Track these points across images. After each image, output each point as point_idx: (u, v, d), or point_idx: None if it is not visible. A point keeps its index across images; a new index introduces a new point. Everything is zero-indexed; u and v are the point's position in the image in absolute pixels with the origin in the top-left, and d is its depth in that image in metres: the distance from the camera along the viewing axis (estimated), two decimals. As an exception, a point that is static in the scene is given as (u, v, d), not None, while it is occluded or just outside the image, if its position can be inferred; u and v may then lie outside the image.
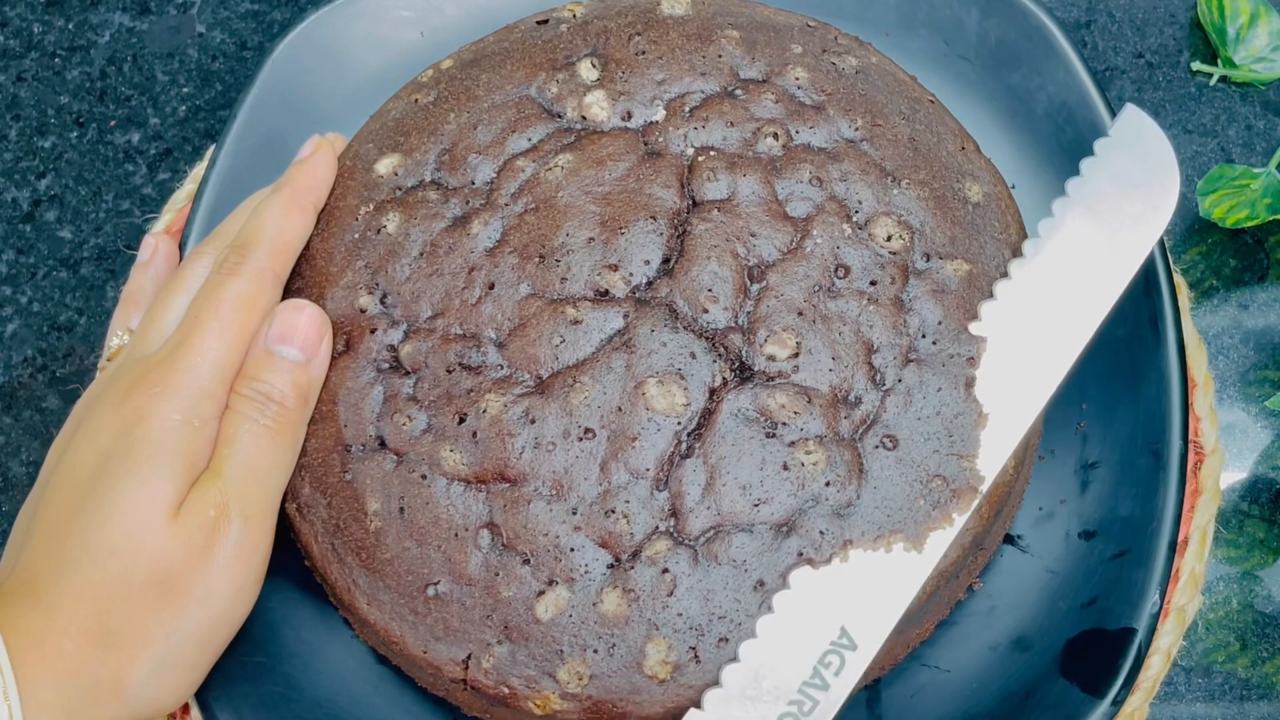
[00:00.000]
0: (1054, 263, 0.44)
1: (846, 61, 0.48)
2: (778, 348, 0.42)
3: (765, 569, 0.40)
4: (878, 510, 0.41)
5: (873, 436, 0.41)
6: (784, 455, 0.41)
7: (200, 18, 0.65)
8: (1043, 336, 0.43)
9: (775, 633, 0.39)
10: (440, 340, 0.43)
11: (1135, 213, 0.44)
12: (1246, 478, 0.54)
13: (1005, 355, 0.42)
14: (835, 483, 0.40)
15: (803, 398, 0.41)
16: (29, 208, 0.61)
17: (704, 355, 0.42)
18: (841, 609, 0.39)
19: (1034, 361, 0.42)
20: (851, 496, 0.40)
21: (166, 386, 0.40)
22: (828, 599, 0.39)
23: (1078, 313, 0.43)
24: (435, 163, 0.46)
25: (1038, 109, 0.51)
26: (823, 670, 0.39)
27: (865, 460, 0.41)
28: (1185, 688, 0.50)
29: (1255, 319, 0.56)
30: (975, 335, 0.43)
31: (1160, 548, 0.44)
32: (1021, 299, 0.43)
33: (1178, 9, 0.63)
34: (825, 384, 0.41)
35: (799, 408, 0.41)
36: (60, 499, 0.39)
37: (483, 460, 0.41)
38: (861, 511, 0.40)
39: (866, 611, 0.39)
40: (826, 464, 0.40)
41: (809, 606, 0.39)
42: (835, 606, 0.39)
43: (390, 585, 0.41)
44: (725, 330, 0.42)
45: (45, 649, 0.37)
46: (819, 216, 0.44)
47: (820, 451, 0.41)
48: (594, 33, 0.48)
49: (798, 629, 0.39)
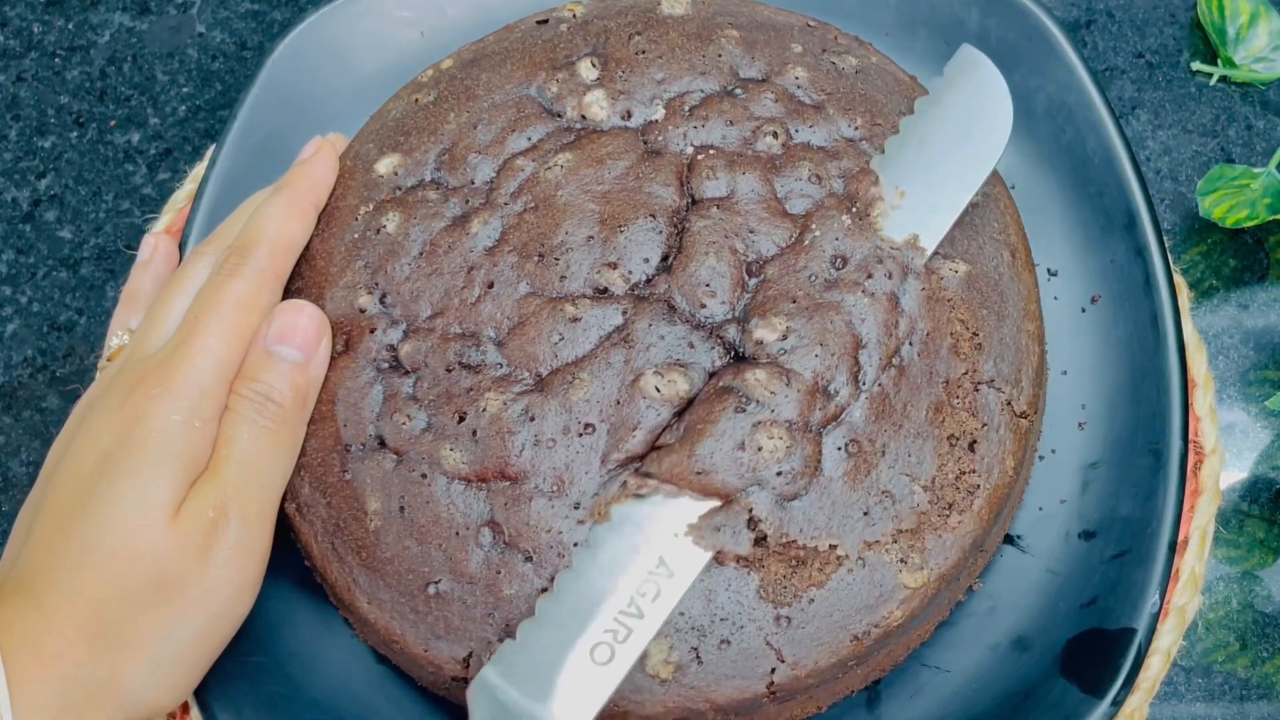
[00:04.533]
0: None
1: (846, 61, 0.48)
2: (767, 332, 0.42)
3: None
4: (820, 511, 0.40)
5: (839, 436, 0.41)
6: (744, 434, 0.40)
7: (200, 18, 0.66)
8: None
9: (592, 564, 0.39)
10: (440, 339, 0.43)
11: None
12: (1246, 478, 0.54)
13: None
14: (787, 474, 0.40)
15: (782, 378, 0.41)
16: (29, 208, 0.61)
17: (702, 344, 0.42)
18: (661, 541, 0.39)
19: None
20: (799, 490, 0.40)
21: (167, 387, 0.40)
22: (647, 531, 0.39)
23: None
24: (435, 162, 0.46)
25: (1038, 109, 0.51)
26: (639, 599, 0.38)
27: (824, 459, 0.41)
28: (1185, 688, 0.50)
29: (1255, 319, 0.56)
30: (960, 356, 0.42)
31: (1160, 548, 0.44)
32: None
33: (1178, 9, 0.63)
34: (809, 370, 0.41)
35: (776, 388, 0.41)
36: (60, 499, 0.39)
37: (483, 459, 0.41)
38: (803, 507, 0.40)
39: (683, 544, 0.39)
40: (785, 454, 0.40)
41: (627, 537, 0.39)
42: (654, 538, 0.39)
43: (390, 584, 0.41)
44: (723, 323, 0.42)
45: (41, 649, 0.37)
46: (818, 211, 0.44)
47: (783, 439, 0.40)
48: (594, 32, 0.48)
49: (616, 559, 0.39)
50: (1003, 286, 0.45)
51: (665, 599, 0.38)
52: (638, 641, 0.38)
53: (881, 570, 0.41)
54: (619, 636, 0.38)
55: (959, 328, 0.43)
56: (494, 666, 0.38)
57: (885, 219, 0.43)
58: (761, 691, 0.40)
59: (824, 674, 0.40)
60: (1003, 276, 0.45)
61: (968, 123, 0.45)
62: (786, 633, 0.40)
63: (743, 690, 0.40)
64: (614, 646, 0.38)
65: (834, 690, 0.43)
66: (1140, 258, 0.48)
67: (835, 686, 0.43)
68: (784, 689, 0.40)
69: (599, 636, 0.38)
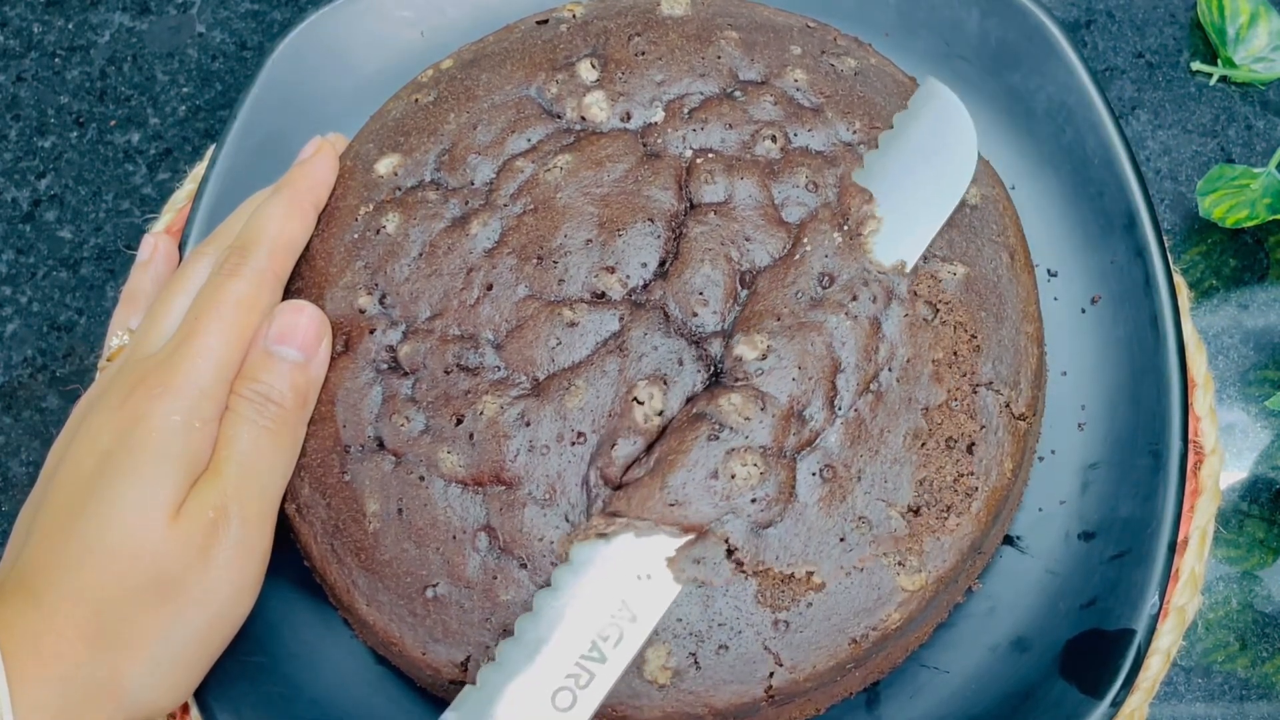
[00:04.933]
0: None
1: (845, 63, 0.48)
2: (747, 349, 0.42)
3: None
4: (796, 538, 0.40)
5: (813, 461, 0.41)
6: (717, 462, 0.40)
7: (200, 18, 0.65)
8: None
9: (554, 607, 0.39)
10: (438, 341, 0.43)
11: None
12: (1246, 478, 0.54)
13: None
14: (761, 500, 0.40)
15: (757, 403, 0.41)
16: (29, 208, 0.61)
17: (691, 363, 0.42)
18: (623, 583, 0.39)
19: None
20: (774, 517, 0.40)
21: (167, 387, 0.40)
22: (610, 573, 0.39)
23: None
24: (435, 163, 0.46)
25: (1038, 109, 0.51)
26: (601, 644, 0.38)
27: (799, 485, 0.41)
28: (1185, 688, 0.50)
29: (1255, 319, 0.56)
30: (941, 387, 0.42)
31: (1160, 548, 0.44)
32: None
33: (1178, 9, 0.63)
34: (785, 394, 0.41)
35: (751, 413, 0.41)
36: (60, 499, 0.39)
37: (479, 462, 0.41)
38: (779, 534, 0.40)
39: (646, 586, 0.39)
40: (759, 480, 0.40)
41: (590, 579, 0.39)
42: (617, 580, 0.39)
43: (389, 586, 0.41)
44: (710, 335, 0.42)
45: (41, 649, 0.37)
46: (811, 223, 0.44)
47: (757, 466, 0.40)
48: (594, 33, 0.48)
49: (578, 602, 0.39)
50: (1001, 288, 0.45)
51: (628, 643, 0.38)
52: (599, 686, 0.38)
53: (879, 573, 0.41)
54: (580, 682, 0.38)
55: (950, 340, 0.43)
56: (454, 713, 0.38)
57: (876, 237, 0.43)
58: (760, 696, 0.40)
59: (822, 677, 0.40)
60: (1001, 278, 0.45)
61: (934, 151, 0.45)
62: (784, 637, 0.40)
63: (741, 695, 0.40)
64: (576, 692, 0.38)
65: (833, 693, 0.43)
66: (1140, 258, 0.48)
67: (834, 689, 0.43)
68: (782, 693, 0.40)
69: (560, 682, 0.38)
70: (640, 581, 0.39)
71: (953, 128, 0.45)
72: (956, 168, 0.45)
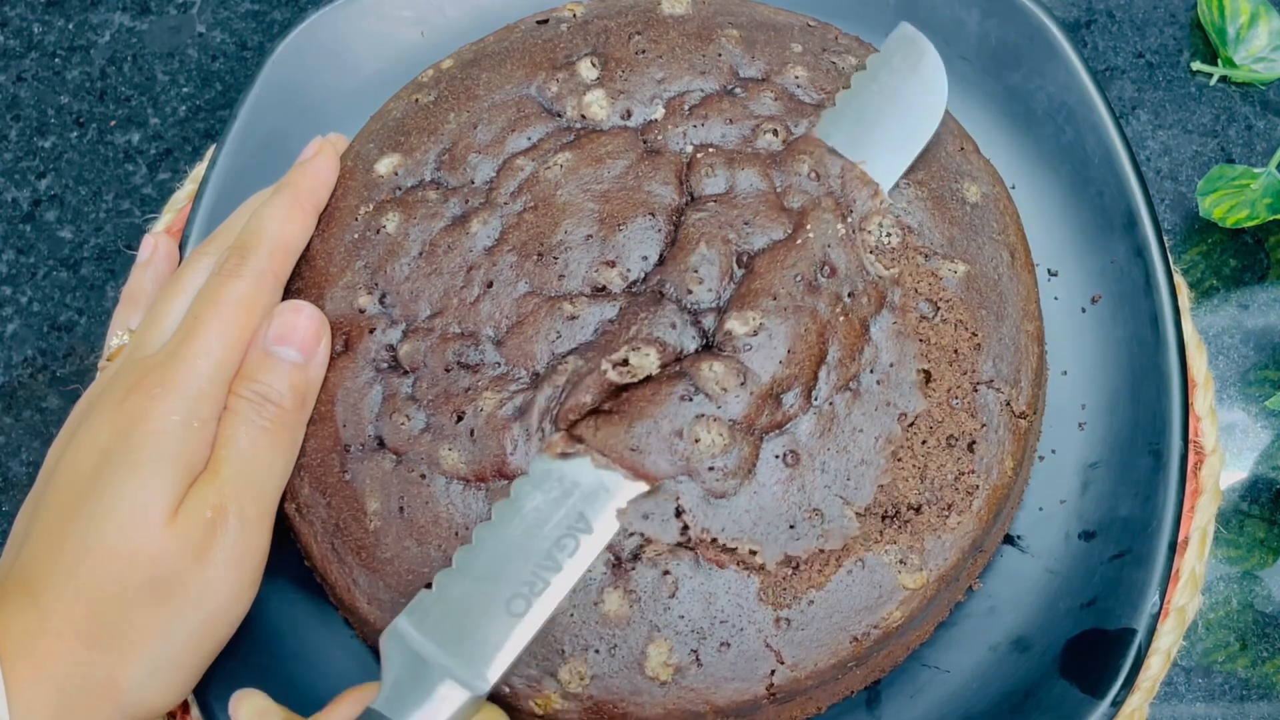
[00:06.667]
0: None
1: (846, 61, 0.48)
2: (739, 324, 0.41)
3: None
4: (747, 514, 0.40)
5: (779, 445, 0.41)
6: (684, 423, 0.40)
7: (200, 18, 0.65)
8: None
9: (510, 517, 0.39)
10: (439, 339, 0.43)
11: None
12: (1246, 478, 0.54)
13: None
14: (719, 470, 0.40)
15: (738, 376, 0.41)
16: (29, 208, 0.61)
17: (685, 328, 0.42)
18: (580, 497, 0.39)
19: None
20: (730, 490, 0.40)
21: (166, 387, 0.40)
22: (567, 488, 0.39)
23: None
24: (435, 162, 0.46)
25: (1038, 109, 0.51)
26: (557, 553, 0.38)
27: (760, 464, 0.41)
28: (1185, 688, 0.50)
29: (1255, 319, 0.56)
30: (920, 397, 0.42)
31: (1160, 548, 0.44)
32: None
33: (1178, 9, 0.63)
34: (769, 373, 0.41)
35: (729, 384, 0.41)
36: (59, 499, 0.39)
37: (480, 458, 0.41)
38: (729, 507, 0.40)
39: (604, 499, 0.39)
40: (721, 450, 0.40)
41: (547, 491, 0.39)
42: (574, 494, 0.39)
43: (390, 584, 0.41)
44: (705, 310, 0.42)
45: (38, 649, 0.37)
46: (815, 211, 0.44)
47: (723, 436, 0.40)
48: (594, 32, 0.48)
49: (536, 513, 0.39)
50: (1002, 287, 0.45)
51: (583, 554, 0.38)
52: (554, 594, 0.38)
53: (880, 571, 0.41)
54: (535, 588, 0.37)
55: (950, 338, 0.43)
56: (407, 616, 0.37)
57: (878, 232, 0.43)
58: (761, 693, 0.40)
59: (823, 675, 0.40)
60: (1002, 277, 0.45)
61: (904, 96, 0.46)
62: (786, 634, 0.40)
63: (742, 692, 0.40)
64: (529, 599, 0.37)
65: (834, 691, 0.43)
66: (1140, 258, 0.48)
67: (835, 687, 0.43)
68: (784, 691, 0.40)
69: (515, 588, 0.37)
70: (599, 495, 0.39)
71: (923, 66, 0.46)
72: (928, 100, 0.45)
